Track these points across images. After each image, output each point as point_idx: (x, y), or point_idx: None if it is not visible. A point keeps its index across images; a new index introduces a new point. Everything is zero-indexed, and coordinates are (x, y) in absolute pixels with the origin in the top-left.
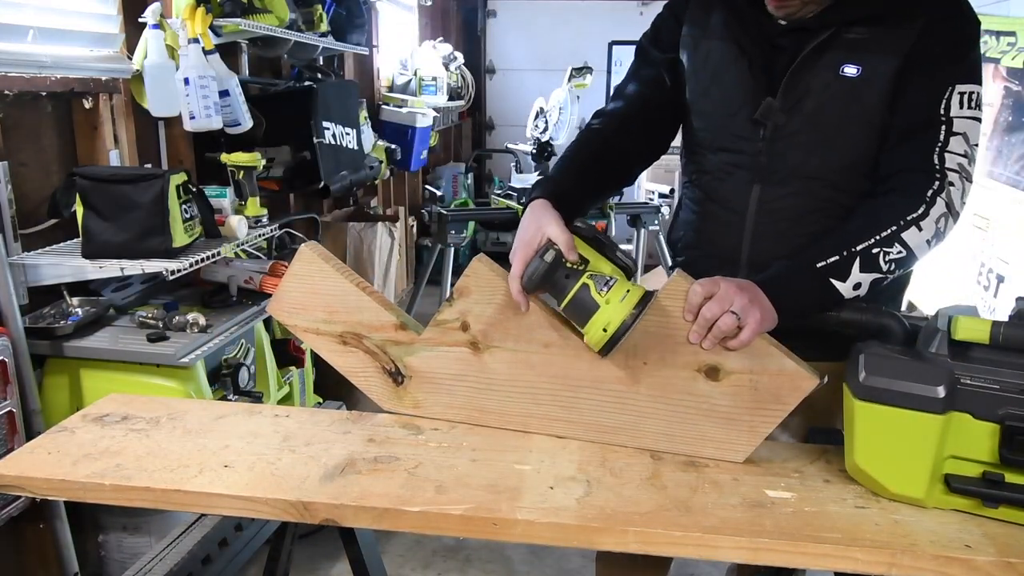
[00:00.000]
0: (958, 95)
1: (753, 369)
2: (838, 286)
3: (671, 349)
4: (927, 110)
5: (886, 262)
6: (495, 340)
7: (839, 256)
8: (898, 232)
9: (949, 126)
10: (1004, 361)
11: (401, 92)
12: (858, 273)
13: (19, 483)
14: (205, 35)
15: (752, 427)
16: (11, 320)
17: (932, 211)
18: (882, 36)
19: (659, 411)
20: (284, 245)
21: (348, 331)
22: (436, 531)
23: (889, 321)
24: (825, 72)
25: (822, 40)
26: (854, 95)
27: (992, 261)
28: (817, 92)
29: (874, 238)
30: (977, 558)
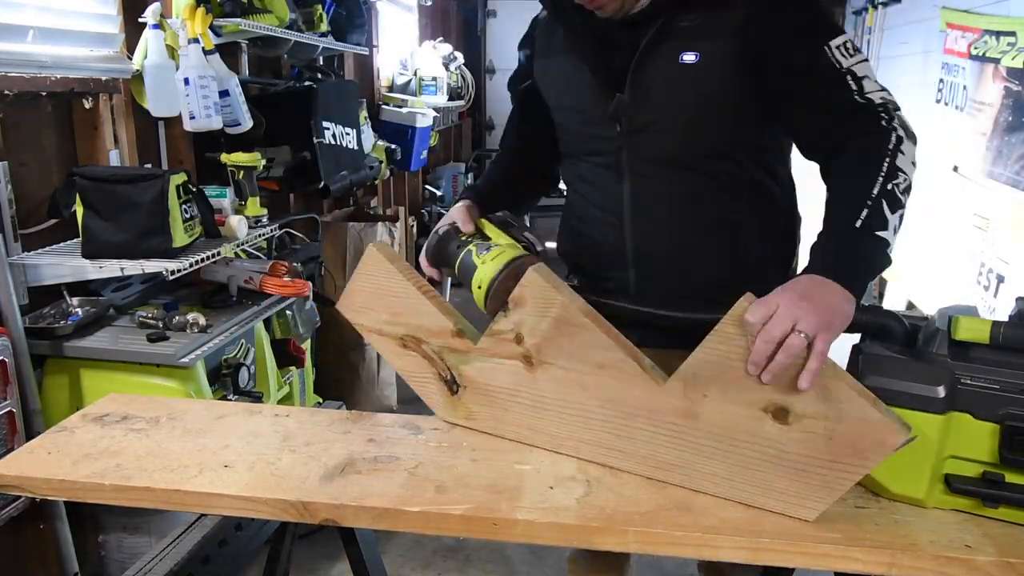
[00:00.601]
0: (837, 49)
1: (829, 415)
2: (884, 235)
3: (735, 383)
4: (828, 73)
5: (901, 192)
6: (548, 356)
7: (867, 208)
8: (893, 161)
9: (854, 75)
10: (1004, 361)
11: (401, 92)
12: (891, 215)
13: (19, 483)
14: (205, 35)
15: (826, 482)
16: (11, 320)
17: (899, 133)
18: (713, 20)
19: (719, 452)
20: (284, 245)
21: (408, 334)
22: (436, 531)
23: (889, 321)
24: (665, 61)
25: (656, 30)
26: (696, 81)
27: (992, 261)
28: (661, 82)
29: (879, 177)
30: (977, 558)
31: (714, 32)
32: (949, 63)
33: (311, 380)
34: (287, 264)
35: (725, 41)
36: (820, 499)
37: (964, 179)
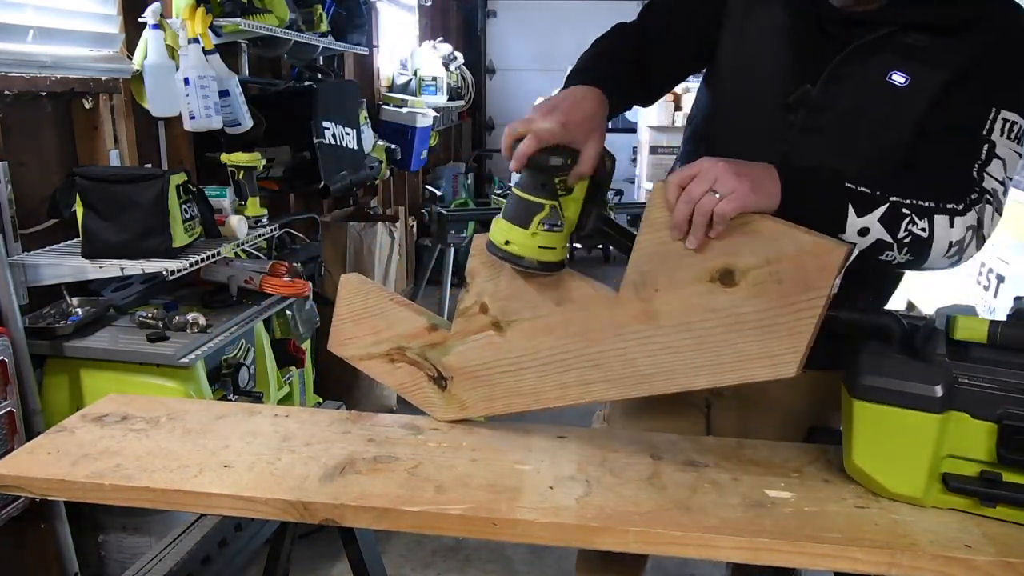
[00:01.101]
0: (1002, 121)
1: (769, 258)
2: (850, 216)
3: (676, 264)
4: (971, 125)
5: (905, 230)
6: (512, 313)
7: (871, 191)
8: (934, 211)
9: (992, 147)
10: (1002, 360)
11: (401, 92)
12: (875, 220)
13: (19, 483)
14: (205, 35)
15: (792, 329)
16: (11, 320)
17: (968, 215)
18: (941, 47)
19: (687, 341)
20: (284, 245)
21: (392, 347)
22: (436, 531)
23: (888, 321)
24: (872, 73)
25: (877, 37)
26: (896, 105)
27: (992, 261)
28: (858, 92)
29: (911, 200)
30: (977, 558)
31: (937, 59)
32: None
33: (311, 380)
34: (287, 264)
35: (942, 72)
36: (792, 348)
37: None
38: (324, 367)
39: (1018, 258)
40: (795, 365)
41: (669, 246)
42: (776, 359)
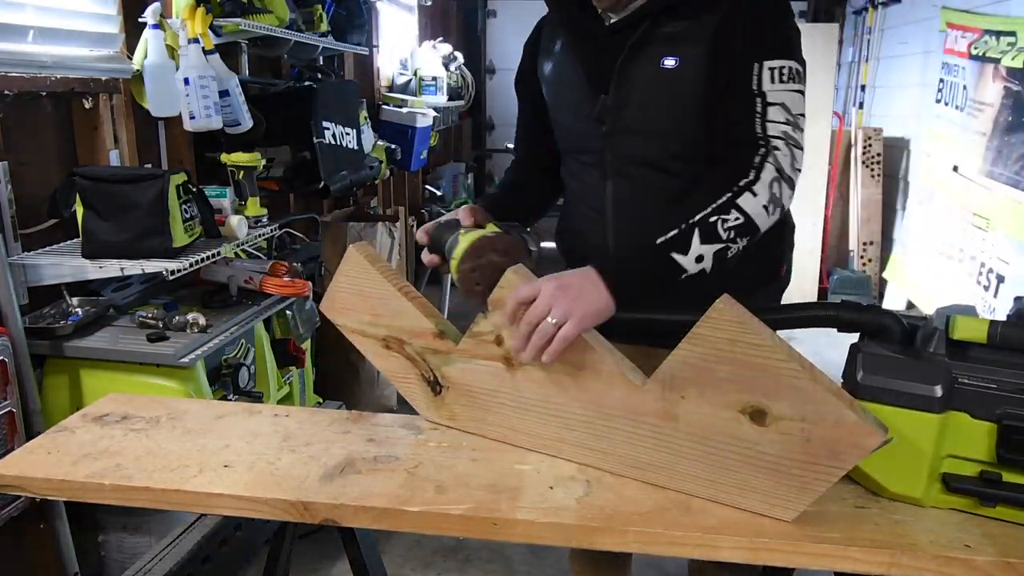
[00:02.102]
0: (768, 71)
1: (806, 416)
2: (679, 260)
3: (712, 385)
4: (739, 88)
5: (725, 230)
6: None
7: (677, 230)
8: (733, 199)
9: (764, 99)
10: (1002, 360)
11: (401, 92)
12: (699, 245)
13: (19, 483)
14: (205, 35)
15: (803, 483)
16: (11, 320)
17: (763, 175)
18: (693, 26)
19: (698, 452)
20: (284, 245)
21: (391, 335)
22: (436, 531)
23: (887, 321)
24: (647, 65)
25: (641, 34)
26: (674, 85)
27: (992, 261)
28: (641, 85)
29: (710, 207)
30: (977, 558)
31: (693, 38)
32: (949, 63)
33: (311, 380)
34: (287, 264)
35: (702, 47)
36: (798, 499)
37: (964, 179)
38: (324, 367)
39: (1018, 258)
40: (794, 514)
41: (710, 365)
42: (779, 502)
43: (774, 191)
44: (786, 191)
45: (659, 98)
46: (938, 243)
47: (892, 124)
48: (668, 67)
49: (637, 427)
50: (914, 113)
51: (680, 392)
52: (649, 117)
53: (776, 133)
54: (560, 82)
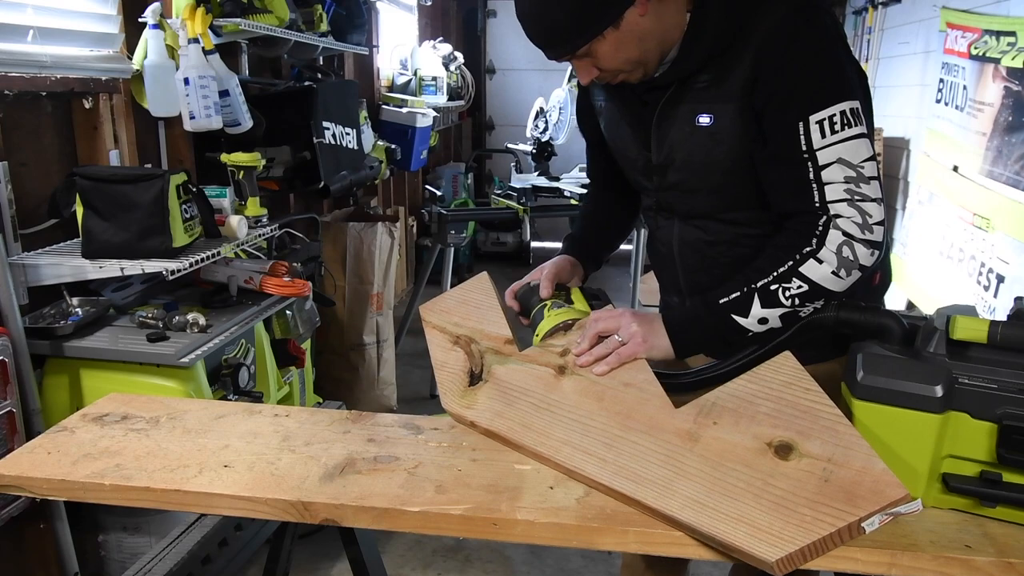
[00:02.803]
0: (815, 125)
1: (833, 458)
2: (740, 321)
3: (750, 416)
4: (786, 154)
5: (787, 297)
6: (580, 369)
7: (739, 293)
8: (795, 267)
9: (815, 162)
10: (1002, 361)
11: (401, 92)
12: (760, 309)
13: (19, 483)
14: (205, 35)
15: (805, 523)
16: (11, 320)
17: (827, 242)
18: (723, 82)
19: (703, 474)
20: (284, 245)
21: (465, 335)
22: (436, 531)
23: (888, 321)
24: (683, 124)
25: (672, 92)
26: (711, 143)
27: (992, 261)
28: (680, 144)
29: (772, 275)
30: (977, 558)
31: (724, 94)
32: (949, 63)
33: (311, 380)
34: (287, 264)
35: (733, 103)
36: (792, 539)
37: (964, 179)
38: (324, 367)
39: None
40: (780, 554)
41: (757, 400)
42: (769, 538)
43: (844, 255)
44: (861, 251)
45: (699, 156)
46: (938, 243)
47: (892, 124)
48: (703, 125)
49: (652, 441)
50: (914, 113)
51: (715, 418)
52: (694, 175)
53: (836, 197)
54: (613, 126)
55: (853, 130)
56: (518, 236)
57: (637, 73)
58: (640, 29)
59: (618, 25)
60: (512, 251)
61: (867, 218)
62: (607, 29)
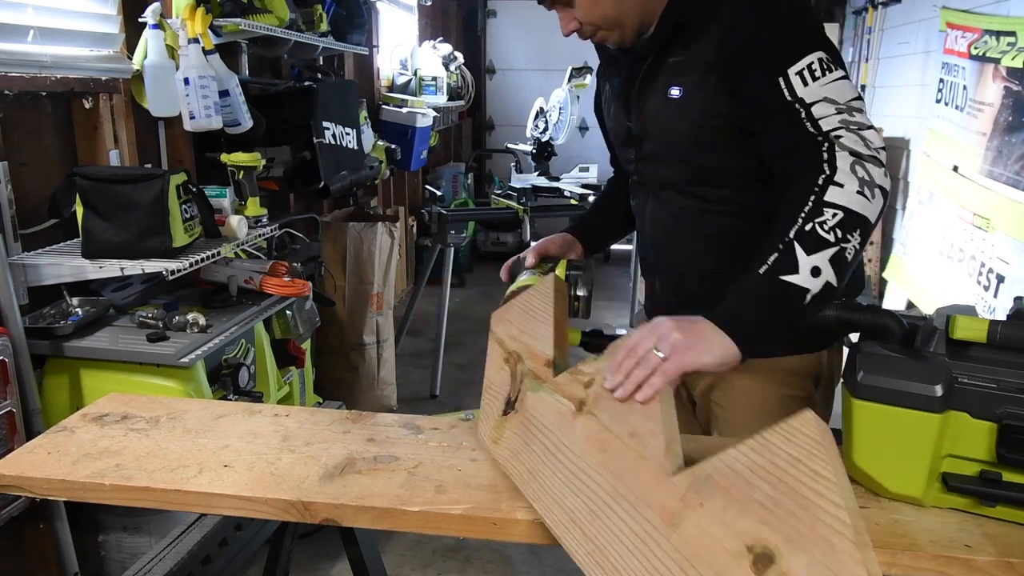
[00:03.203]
0: (796, 76)
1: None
2: (794, 280)
3: (741, 503)
4: (774, 108)
5: (828, 231)
6: (598, 408)
7: (776, 252)
8: (819, 198)
9: (803, 103)
10: (1002, 360)
11: (401, 92)
12: (806, 257)
13: (19, 483)
14: (205, 35)
15: None
16: (11, 320)
17: (839, 165)
18: (694, 55)
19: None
20: (284, 245)
21: (516, 350)
22: (436, 531)
23: (887, 320)
24: (657, 95)
25: (648, 66)
26: (681, 114)
27: (992, 261)
28: (655, 114)
29: (799, 218)
30: (977, 558)
31: (694, 67)
32: (949, 63)
33: (311, 380)
34: (287, 264)
35: (702, 75)
36: None
37: (964, 179)
38: (324, 367)
39: (1018, 258)
40: None
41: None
42: None
43: (860, 175)
44: (874, 170)
45: (670, 127)
46: (938, 243)
47: (892, 124)
48: (674, 97)
49: (634, 519)
50: (914, 113)
51: (704, 499)
52: (665, 144)
53: (831, 126)
54: (607, 106)
55: (833, 74)
56: (518, 236)
57: (615, 35)
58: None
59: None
60: (512, 251)
61: (868, 143)
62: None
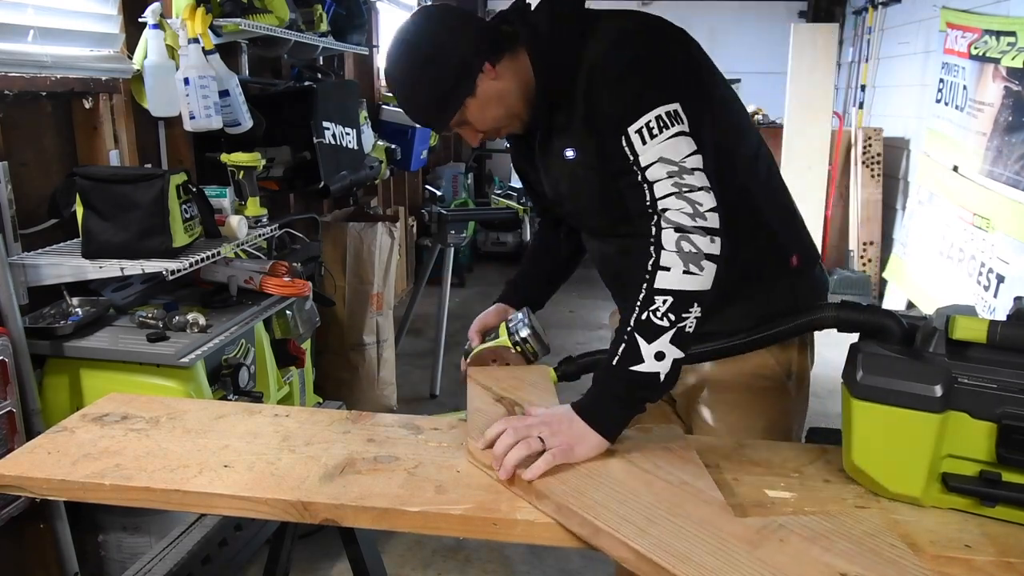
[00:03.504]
0: (635, 135)
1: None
2: (642, 368)
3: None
4: (620, 164)
5: (661, 317)
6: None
7: (623, 344)
8: (650, 287)
9: (639, 166)
10: (1002, 360)
11: None
12: (648, 345)
13: (19, 483)
14: (205, 35)
15: None
16: (11, 320)
17: (664, 244)
18: (571, 118)
19: None
20: (284, 245)
21: (511, 399)
22: (436, 531)
23: (887, 321)
24: (557, 158)
25: (543, 135)
26: (578, 173)
27: (992, 261)
28: (561, 177)
29: (636, 308)
30: (977, 558)
31: (575, 128)
32: (949, 63)
33: (311, 380)
34: (287, 264)
35: (584, 134)
36: None
37: (964, 179)
38: (324, 367)
39: (1018, 258)
40: None
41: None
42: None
43: (686, 250)
44: (699, 240)
45: (577, 186)
46: (938, 243)
47: (892, 124)
48: (569, 158)
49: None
50: (914, 113)
51: (782, 537)
52: (576, 200)
53: (662, 193)
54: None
55: (671, 130)
56: (518, 236)
57: (515, 124)
58: (496, 90)
59: (475, 93)
60: (512, 251)
61: (697, 207)
62: (467, 99)
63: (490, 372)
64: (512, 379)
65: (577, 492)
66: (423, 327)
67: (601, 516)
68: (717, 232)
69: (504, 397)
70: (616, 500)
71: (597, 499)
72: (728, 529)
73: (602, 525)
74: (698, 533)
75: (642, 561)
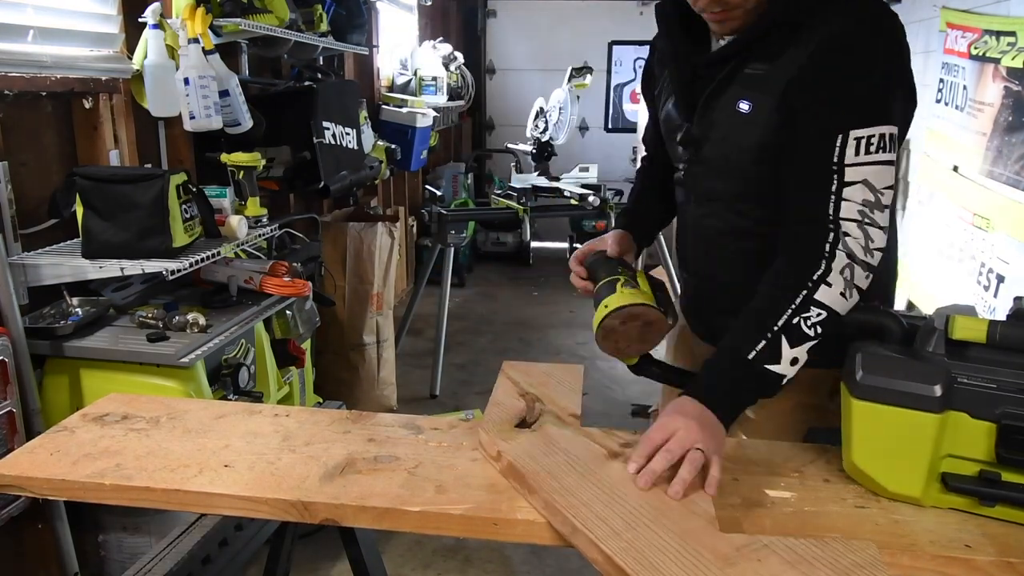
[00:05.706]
0: (854, 141)
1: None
2: (775, 369)
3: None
4: (817, 159)
5: (810, 327)
6: None
7: (765, 340)
8: (810, 295)
9: (842, 175)
10: (1001, 360)
11: (401, 92)
12: (790, 349)
13: (19, 483)
14: (205, 35)
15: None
16: (11, 320)
17: (834, 264)
18: (771, 73)
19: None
20: (284, 245)
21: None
22: (436, 531)
23: (887, 321)
24: (726, 106)
25: (726, 73)
26: (745, 130)
27: (992, 261)
28: (720, 124)
29: (790, 309)
30: (977, 558)
31: (768, 86)
32: (949, 63)
33: (311, 380)
34: (287, 264)
35: (773, 96)
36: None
37: (964, 179)
38: (324, 367)
39: (1018, 258)
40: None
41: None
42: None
43: (846, 276)
44: (859, 274)
45: (732, 140)
46: (938, 243)
47: None
48: (742, 111)
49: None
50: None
51: (761, 557)
52: (723, 156)
53: (850, 215)
54: (661, 94)
55: (885, 155)
56: (518, 236)
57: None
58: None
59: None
60: (512, 251)
61: (870, 242)
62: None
63: (524, 368)
64: (543, 375)
65: (566, 490)
66: (423, 327)
67: (580, 515)
68: (874, 271)
69: (528, 393)
70: (602, 502)
71: (583, 499)
72: (707, 543)
73: (579, 524)
74: (674, 544)
75: (610, 565)
